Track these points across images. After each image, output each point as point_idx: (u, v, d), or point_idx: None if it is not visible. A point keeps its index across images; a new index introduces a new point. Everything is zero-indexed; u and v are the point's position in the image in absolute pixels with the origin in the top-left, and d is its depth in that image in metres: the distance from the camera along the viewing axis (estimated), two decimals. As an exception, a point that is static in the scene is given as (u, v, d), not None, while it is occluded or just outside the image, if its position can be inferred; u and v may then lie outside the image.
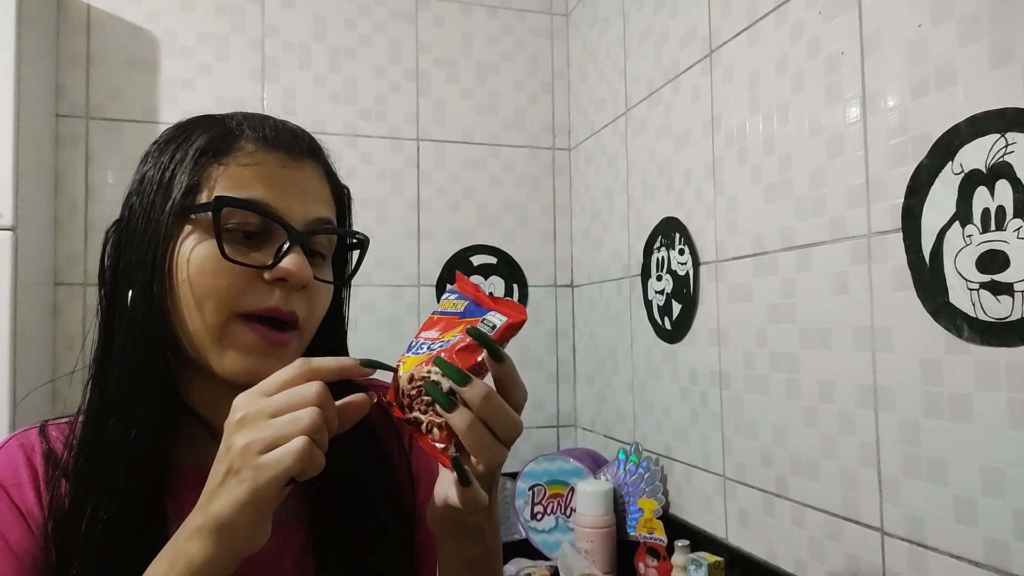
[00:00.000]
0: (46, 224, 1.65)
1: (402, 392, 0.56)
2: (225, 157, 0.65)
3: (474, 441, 0.53)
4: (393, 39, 1.99)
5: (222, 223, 0.63)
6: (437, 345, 0.57)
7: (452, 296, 0.63)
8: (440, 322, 0.61)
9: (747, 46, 1.29)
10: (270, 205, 0.64)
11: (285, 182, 0.66)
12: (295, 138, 0.69)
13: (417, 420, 0.56)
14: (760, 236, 1.24)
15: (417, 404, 0.55)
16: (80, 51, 1.74)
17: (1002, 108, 0.82)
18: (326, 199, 0.70)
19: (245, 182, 0.64)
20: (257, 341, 0.64)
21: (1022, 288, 0.79)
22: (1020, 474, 0.81)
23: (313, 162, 0.70)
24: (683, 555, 1.35)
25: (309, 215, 0.67)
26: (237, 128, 0.67)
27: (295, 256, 0.64)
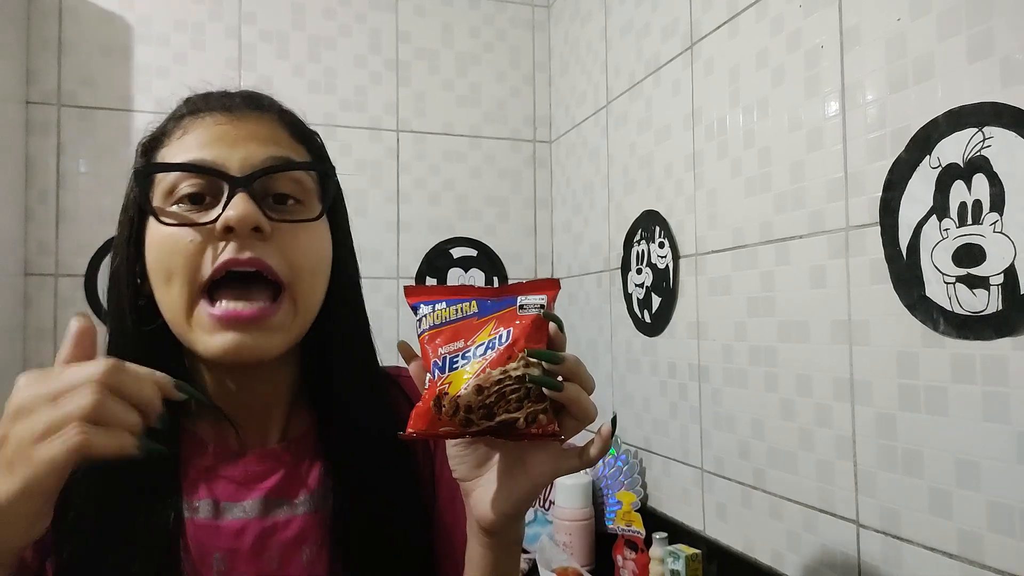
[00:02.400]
0: (16, 214, 1.61)
1: (472, 407, 0.55)
2: (165, 139, 0.66)
3: (583, 405, 0.56)
4: (373, 28, 1.97)
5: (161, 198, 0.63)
6: (481, 349, 0.57)
7: (440, 305, 0.60)
8: (452, 330, 0.59)
9: (728, 39, 1.28)
10: (204, 160, 0.62)
11: (221, 136, 0.63)
12: (228, 96, 0.67)
13: (511, 420, 0.55)
14: (740, 230, 1.24)
15: (502, 407, 0.54)
16: (51, 37, 1.70)
17: (980, 102, 0.82)
18: (280, 141, 0.66)
19: (181, 150, 0.63)
20: (217, 320, 0.61)
21: (997, 282, 0.80)
22: (994, 467, 0.81)
23: (257, 112, 0.67)
24: (661, 547, 1.35)
25: (254, 159, 0.63)
26: (178, 110, 0.68)
27: (237, 201, 0.60)
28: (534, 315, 0.58)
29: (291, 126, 0.69)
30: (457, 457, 0.62)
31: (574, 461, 0.59)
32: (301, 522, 0.68)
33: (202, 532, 0.64)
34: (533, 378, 0.55)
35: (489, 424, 0.55)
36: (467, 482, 0.62)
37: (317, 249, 0.67)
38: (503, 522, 0.61)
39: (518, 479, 0.60)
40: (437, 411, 0.55)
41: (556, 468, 0.59)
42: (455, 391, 0.55)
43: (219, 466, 0.68)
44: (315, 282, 0.66)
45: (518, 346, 0.56)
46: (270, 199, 0.64)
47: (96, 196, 1.70)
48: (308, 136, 0.71)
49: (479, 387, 0.55)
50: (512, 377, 0.54)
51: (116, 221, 0.70)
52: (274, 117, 0.68)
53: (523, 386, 0.55)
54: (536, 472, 0.59)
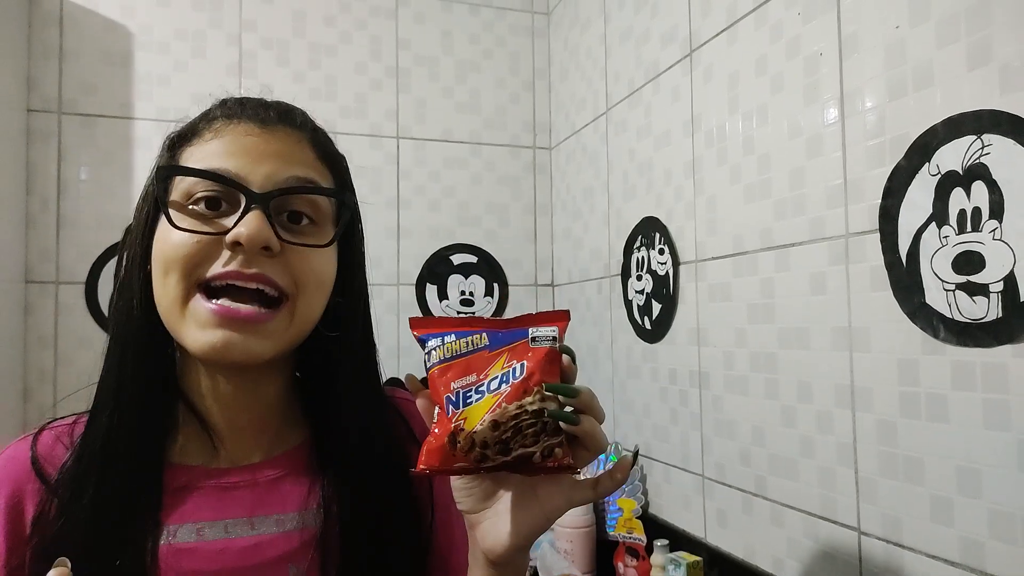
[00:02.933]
0: (17, 221, 1.61)
1: (488, 443, 0.54)
2: (194, 138, 0.66)
3: (597, 437, 0.57)
4: (373, 36, 1.98)
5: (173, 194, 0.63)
6: (495, 383, 0.56)
7: (449, 338, 0.59)
8: (463, 364, 0.58)
9: (727, 46, 1.29)
10: (227, 171, 0.62)
11: (249, 148, 0.63)
12: (264, 108, 0.67)
13: (528, 455, 0.55)
14: (739, 236, 1.24)
15: (518, 442, 0.54)
16: (52, 45, 1.71)
17: (979, 110, 0.82)
18: (306, 161, 0.67)
19: (207, 155, 0.63)
20: (213, 315, 0.61)
21: (997, 289, 0.80)
22: (996, 474, 0.81)
23: (288, 128, 0.67)
24: (662, 555, 1.35)
25: (277, 177, 0.63)
26: (213, 110, 0.68)
27: (251, 218, 0.60)
28: (547, 347, 0.58)
29: (320, 147, 0.69)
30: (464, 490, 0.61)
31: (588, 492, 0.59)
32: (288, 540, 0.66)
33: (179, 556, 0.63)
34: (552, 412, 0.55)
35: (504, 459, 0.55)
36: (474, 514, 0.61)
37: (322, 271, 0.66)
38: (513, 554, 0.60)
39: (530, 511, 0.59)
40: (452, 447, 0.54)
41: (569, 499, 0.59)
42: (471, 427, 0.55)
43: (202, 484, 0.66)
44: (315, 298, 0.66)
45: (533, 380, 0.56)
46: (285, 216, 0.65)
47: (97, 203, 1.70)
48: (334, 159, 0.71)
49: (495, 422, 0.54)
50: (528, 412, 0.54)
51: (117, 228, 0.71)
52: (305, 136, 0.68)
53: (539, 420, 0.54)
54: (549, 504, 0.59)
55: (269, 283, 0.62)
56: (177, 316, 0.62)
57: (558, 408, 0.55)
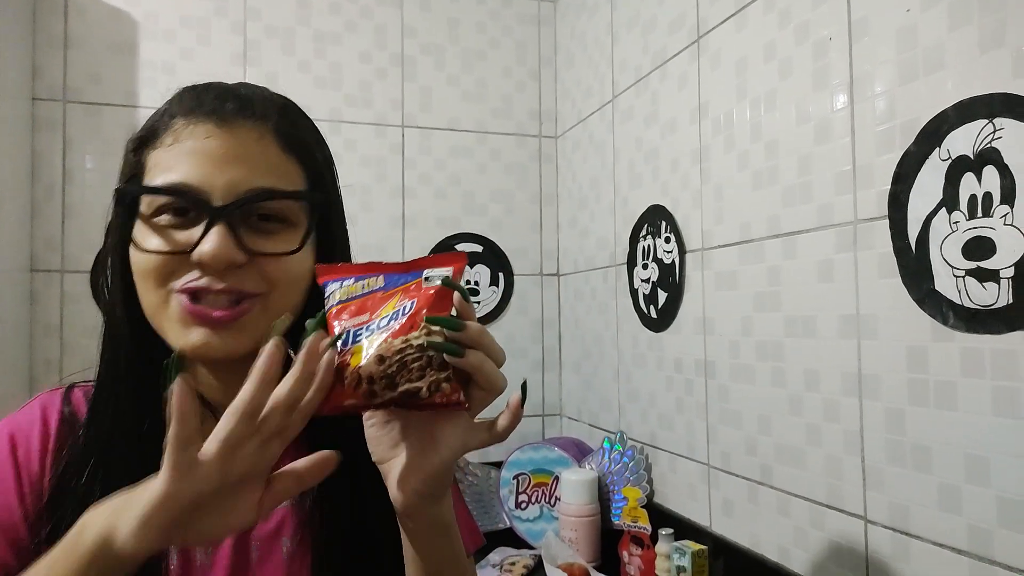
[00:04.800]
0: (22, 209, 1.62)
1: (373, 378, 0.54)
2: (156, 140, 0.64)
3: (488, 374, 0.55)
4: (379, 24, 1.97)
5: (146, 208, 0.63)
6: (385, 321, 0.56)
7: (348, 282, 0.60)
8: (357, 304, 0.58)
9: (735, 32, 1.27)
10: (187, 185, 0.61)
11: (209, 153, 0.62)
12: (221, 100, 0.65)
13: (414, 390, 0.54)
14: (746, 224, 1.23)
15: (404, 376, 0.54)
16: (58, 33, 1.70)
17: (990, 93, 0.81)
18: (269, 162, 0.64)
19: (169, 163, 0.62)
20: (190, 315, 0.62)
21: (1008, 275, 0.79)
22: (1004, 462, 0.81)
23: (249, 121, 0.64)
24: (667, 543, 1.35)
25: (239, 187, 0.62)
26: (172, 107, 0.66)
27: (214, 236, 0.60)
28: (438, 286, 0.57)
29: (286, 137, 0.66)
30: (374, 439, 0.61)
31: (483, 434, 0.58)
32: (280, 515, 0.69)
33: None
34: (432, 343, 0.54)
35: (392, 395, 0.54)
36: (383, 464, 0.61)
37: (295, 270, 0.66)
38: (416, 501, 0.59)
39: (428, 455, 0.58)
40: (341, 383, 0.54)
41: (465, 441, 0.58)
42: (356, 362, 0.54)
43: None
44: (289, 293, 0.66)
45: (420, 315, 0.55)
46: (255, 217, 0.64)
47: (102, 192, 1.70)
48: (302, 146, 0.68)
49: (380, 357, 0.54)
50: (413, 346, 0.54)
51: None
52: (268, 128, 0.65)
53: (424, 355, 0.54)
54: (444, 446, 0.58)
55: (240, 292, 0.63)
56: (160, 318, 0.63)
57: (442, 341, 0.54)
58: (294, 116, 0.69)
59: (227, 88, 0.67)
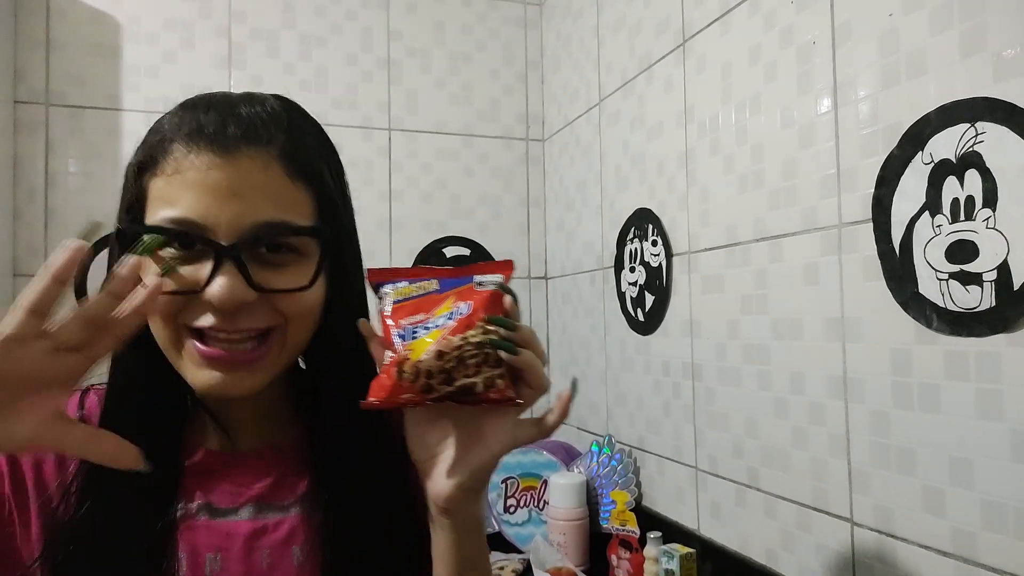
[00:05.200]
0: (4, 214, 1.60)
1: (432, 372, 0.57)
2: (157, 167, 0.61)
3: (537, 372, 0.58)
4: (364, 27, 1.96)
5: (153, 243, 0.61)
6: (441, 319, 0.59)
7: (402, 284, 0.63)
8: (413, 304, 0.61)
9: (720, 36, 1.28)
10: (192, 221, 0.58)
11: (211, 186, 0.58)
12: (224, 127, 0.60)
13: (470, 385, 0.57)
14: (732, 227, 1.24)
15: (461, 372, 0.57)
16: (39, 36, 1.69)
17: (972, 98, 0.82)
18: (276, 192, 0.61)
19: (172, 196, 0.59)
20: (205, 358, 0.60)
21: (990, 278, 0.79)
22: (988, 464, 0.81)
23: (253, 149, 0.60)
24: (655, 547, 1.35)
25: (244, 222, 0.59)
26: (171, 129, 0.62)
27: (223, 278, 0.58)
28: (491, 289, 0.61)
29: (293, 163, 0.62)
30: (416, 436, 0.63)
31: (532, 430, 0.60)
32: (291, 523, 0.69)
33: (195, 533, 0.66)
34: (492, 341, 0.57)
35: (449, 389, 0.57)
36: (425, 462, 0.62)
37: (308, 302, 0.64)
38: (461, 496, 0.60)
39: (476, 449, 0.60)
40: (399, 377, 0.57)
41: (514, 437, 0.60)
42: (416, 356, 0.57)
43: (213, 469, 0.69)
44: (304, 325, 0.65)
45: (477, 315, 0.58)
46: (263, 250, 0.61)
47: (85, 196, 1.69)
48: (312, 173, 0.64)
49: (440, 352, 0.57)
50: (471, 343, 0.57)
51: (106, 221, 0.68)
52: (273, 156, 0.61)
53: (481, 352, 0.57)
54: (494, 441, 0.60)
55: (253, 330, 0.61)
56: (174, 355, 0.62)
57: (499, 340, 0.57)
58: (301, 134, 0.65)
59: (229, 107, 0.63)
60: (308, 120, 0.69)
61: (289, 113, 0.66)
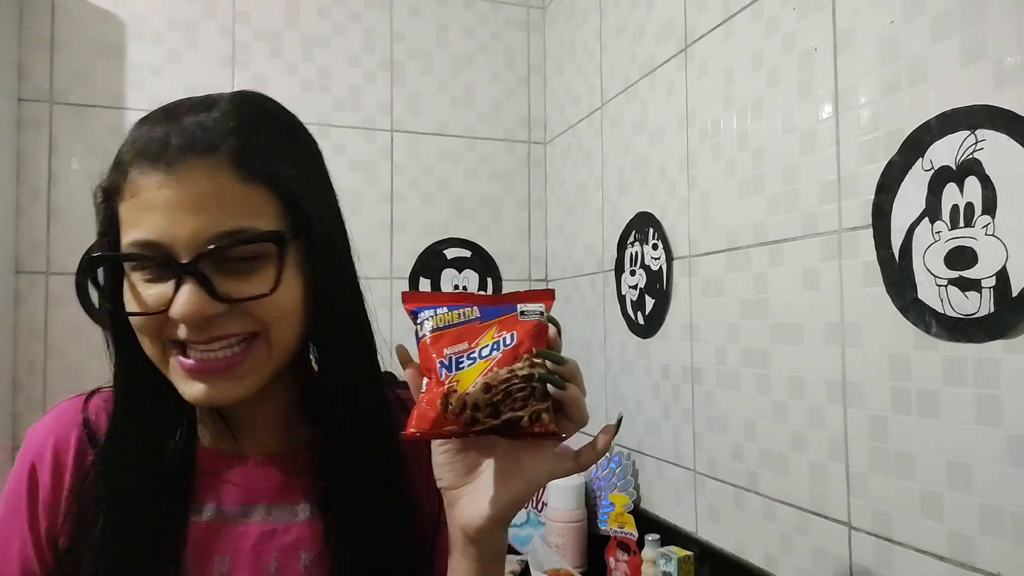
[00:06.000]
0: (7, 211, 1.60)
1: (478, 405, 0.56)
2: (120, 192, 0.61)
3: (581, 407, 0.59)
4: (367, 28, 1.97)
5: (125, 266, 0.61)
6: (485, 351, 0.58)
7: (442, 310, 0.61)
8: (455, 333, 0.59)
9: (722, 41, 1.28)
10: (150, 241, 0.58)
11: (164, 204, 0.58)
12: (168, 140, 0.59)
13: (516, 419, 0.56)
14: (733, 231, 1.24)
15: (508, 405, 0.56)
16: (44, 34, 1.69)
17: (972, 105, 0.82)
18: (230, 200, 0.59)
19: (134, 219, 0.59)
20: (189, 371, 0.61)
21: (989, 284, 0.80)
22: (986, 469, 0.81)
23: (200, 159, 0.58)
24: (653, 549, 1.35)
25: (201, 235, 0.58)
26: (126, 151, 0.61)
27: (184, 294, 0.58)
28: (536, 320, 0.60)
29: (245, 166, 0.60)
30: (445, 465, 0.62)
31: (570, 463, 0.60)
32: (300, 528, 0.69)
33: (205, 534, 0.66)
34: (542, 375, 0.57)
35: (494, 422, 0.56)
36: (454, 490, 0.62)
37: (282, 304, 0.62)
38: (492, 527, 0.60)
39: (513, 481, 0.60)
40: (444, 409, 0.56)
41: (552, 469, 0.60)
42: (463, 388, 0.56)
43: (223, 471, 0.69)
44: (285, 327, 0.63)
45: (523, 347, 0.58)
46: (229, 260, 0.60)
47: (88, 194, 1.64)
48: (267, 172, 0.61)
49: (487, 385, 0.56)
50: (519, 376, 0.56)
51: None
52: (223, 161, 0.59)
53: (528, 385, 0.56)
54: (532, 474, 0.60)
55: (230, 337, 0.61)
56: (164, 369, 0.63)
57: (547, 373, 0.57)
58: (253, 132, 0.62)
59: (175, 118, 0.61)
60: (267, 116, 0.66)
61: (241, 114, 0.63)
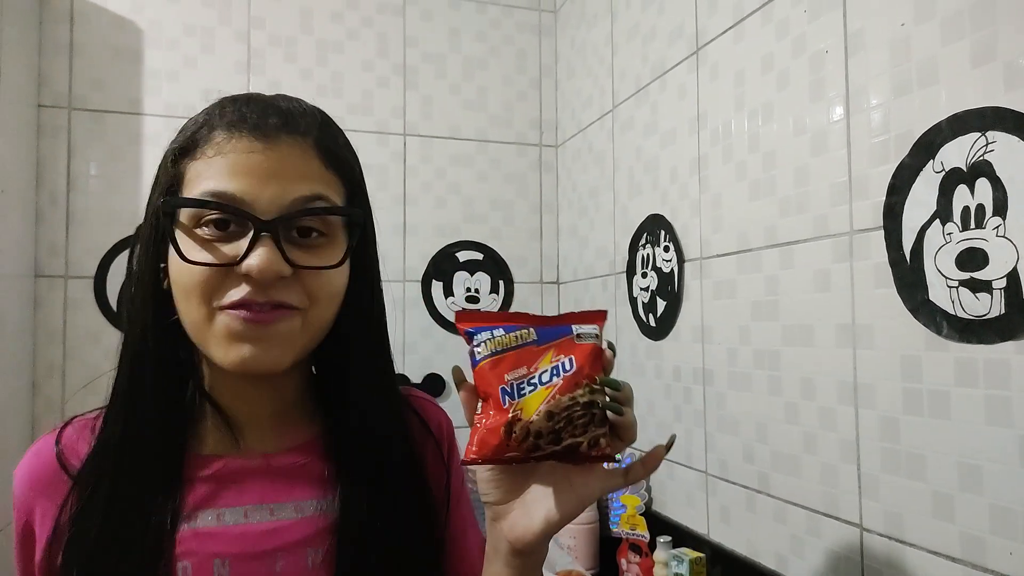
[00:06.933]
0: (26, 215, 1.63)
1: (541, 432, 0.58)
2: (196, 152, 0.64)
3: (634, 430, 0.61)
4: (380, 33, 1.99)
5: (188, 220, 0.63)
6: (545, 376, 0.60)
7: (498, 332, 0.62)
8: (514, 358, 0.61)
9: (733, 44, 1.29)
10: (232, 195, 0.61)
11: (252, 168, 0.62)
12: (264, 115, 0.64)
13: (576, 445, 0.58)
14: (744, 233, 1.25)
15: (568, 432, 0.58)
16: (63, 41, 1.72)
17: (983, 107, 0.83)
18: (314, 175, 0.64)
19: (211, 174, 0.62)
20: (236, 326, 0.61)
21: (1000, 286, 0.80)
22: (997, 470, 0.81)
23: (291, 137, 0.64)
24: (665, 551, 1.36)
25: (285, 198, 0.62)
26: (213, 119, 0.65)
27: (261, 250, 0.60)
28: (592, 344, 0.61)
29: (326, 153, 0.66)
30: (492, 481, 0.63)
31: (619, 480, 0.63)
32: (306, 525, 0.68)
33: (201, 540, 0.65)
34: (607, 404, 0.59)
35: (555, 448, 0.58)
36: (500, 506, 0.64)
37: (335, 284, 0.66)
38: (541, 541, 0.62)
39: (565, 497, 0.62)
40: (508, 436, 0.58)
41: (604, 486, 0.63)
42: (527, 416, 0.58)
43: (222, 471, 0.69)
44: (327, 308, 0.66)
45: (583, 374, 0.59)
46: (295, 232, 0.64)
47: (106, 198, 1.72)
48: (342, 163, 0.68)
49: (550, 413, 0.58)
50: (580, 404, 0.58)
51: (126, 223, 0.71)
52: (309, 144, 0.65)
53: (589, 412, 0.58)
54: (584, 491, 0.62)
55: (283, 305, 0.63)
56: (204, 335, 0.63)
57: (608, 400, 0.59)
58: (334, 131, 0.70)
59: (268, 101, 0.67)
60: (337, 125, 0.73)
61: (322, 114, 0.70)
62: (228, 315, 0.62)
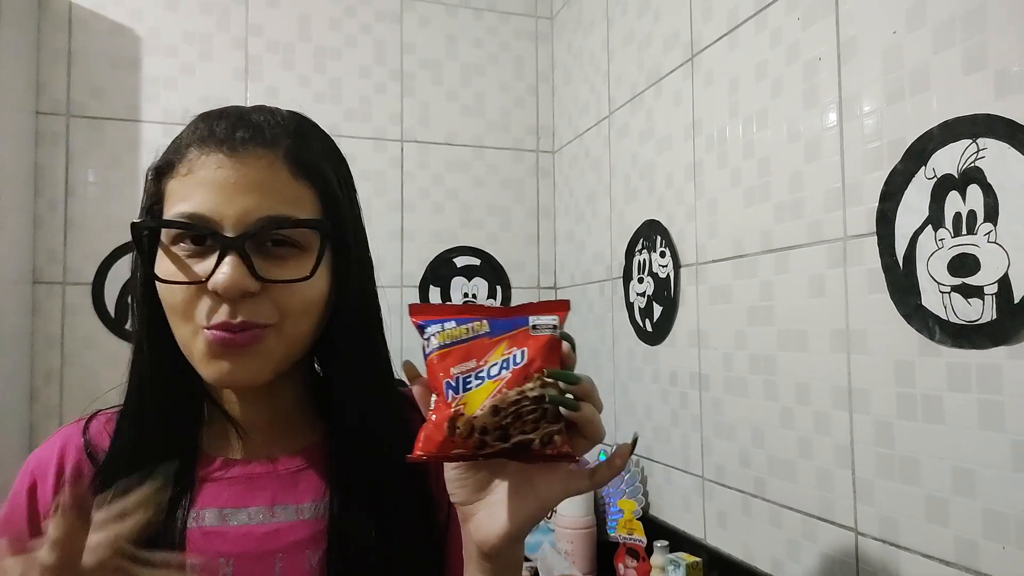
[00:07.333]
0: (25, 222, 1.63)
1: (487, 429, 0.54)
2: (173, 170, 0.65)
3: (595, 426, 0.57)
4: (378, 40, 2.00)
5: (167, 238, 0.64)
6: (495, 368, 0.56)
7: (449, 324, 0.59)
8: (463, 350, 0.57)
9: (727, 51, 1.30)
10: (200, 215, 0.62)
11: (220, 184, 0.63)
12: (234, 131, 0.65)
13: (527, 442, 0.54)
14: (739, 239, 1.25)
15: (518, 428, 0.54)
16: (61, 48, 1.73)
17: (974, 114, 0.83)
18: (280, 189, 0.64)
19: (184, 193, 0.63)
20: (211, 346, 0.63)
21: (992, 291, 0.81)
22: (990, 474, 0.82)
23: (260, 149, 0.64)
24: (662, 555, 1.36)
25: (250, 216, 0.62)
26: (186, 137, 0.66)
27: (226, 267, 0.61)
28: (548, 335, 0.57)
29: (297, 163, 0.66)
30: (457, 480, 0.62)
31: (584, 482, 0.59)
32: (305, 528, 0.69)
33: (207, 539, 0.67)
34: (553, 398, 0.54)
35: (504, 446, 0.54)
36: (467, 506, 0.62)
37: (307, 297, 0.66)
38: (506, 544, 0.60)
39: (526, 500, 0.59)
40: (451, 432, 0.54)
41: (566, 488, 0.59)
42: (471, 412, 0.54)
43: (227, 474, 0.70)
44: (301, 320, 0.66)
45: (534, 366, 0.55)
46: (268, 244, 0.64)
47: (104, 205, 1.72)
48: (315, 173, 0.67)
49: (496, 408, 0.54)
50: (529, 398, 0.54)
51: (124, 230, 0.71)
52: (279, 155, 0.65)
53: (540, 407, 0.54)
54: (546, 493, 0.59)
55: (255, 326, 0.63)
56: (190, 350, 0.65)
57: (558, 394, 0.55)
58: (307, 139, 0.69)
59: (240, 115, 0.67)
60: (317, 130, 0.72)
61: (297, 122, 0.70)
62: (208, 334, 0.63)
